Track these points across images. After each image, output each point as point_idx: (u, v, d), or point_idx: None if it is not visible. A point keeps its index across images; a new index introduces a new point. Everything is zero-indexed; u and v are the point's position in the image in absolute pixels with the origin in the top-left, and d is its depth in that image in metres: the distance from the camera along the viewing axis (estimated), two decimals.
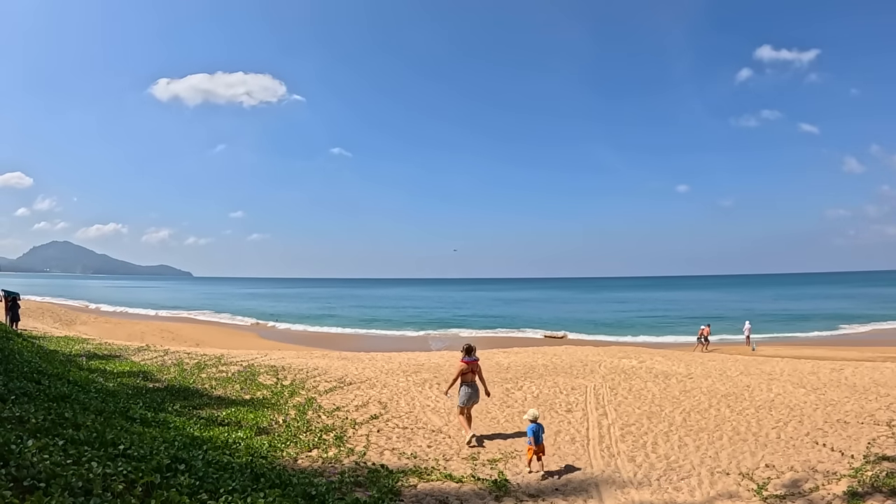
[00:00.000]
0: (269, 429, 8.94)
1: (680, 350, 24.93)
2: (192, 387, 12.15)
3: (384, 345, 32.68)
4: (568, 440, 9.29)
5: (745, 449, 8.67)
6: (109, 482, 4.27)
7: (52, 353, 14.73)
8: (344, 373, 14.82)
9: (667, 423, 10.23)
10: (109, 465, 4.54)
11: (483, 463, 7.92)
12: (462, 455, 8.30)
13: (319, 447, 8.11)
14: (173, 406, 9.80)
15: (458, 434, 9.41)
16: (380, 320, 53.12)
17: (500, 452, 8.47)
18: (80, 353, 16.42)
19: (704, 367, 16.43)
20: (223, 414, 9.64)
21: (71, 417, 6.26)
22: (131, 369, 13.88)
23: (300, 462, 7.36)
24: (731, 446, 8.83)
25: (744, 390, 12.99)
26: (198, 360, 16.40)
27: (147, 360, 16.02)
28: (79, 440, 5.11)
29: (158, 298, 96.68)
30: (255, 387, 12.50)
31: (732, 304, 73.17)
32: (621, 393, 12.78)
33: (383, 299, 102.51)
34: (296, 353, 20.73)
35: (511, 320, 55.35)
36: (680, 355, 20.02)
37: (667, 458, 8.27)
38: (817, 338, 36.50)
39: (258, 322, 49.96)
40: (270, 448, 7.72)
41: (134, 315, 54.19)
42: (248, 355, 18.38)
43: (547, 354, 19.42)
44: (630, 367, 16.34)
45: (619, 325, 48.28)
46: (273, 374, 14.25)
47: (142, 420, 7.94)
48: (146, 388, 11.39)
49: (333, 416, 10.22)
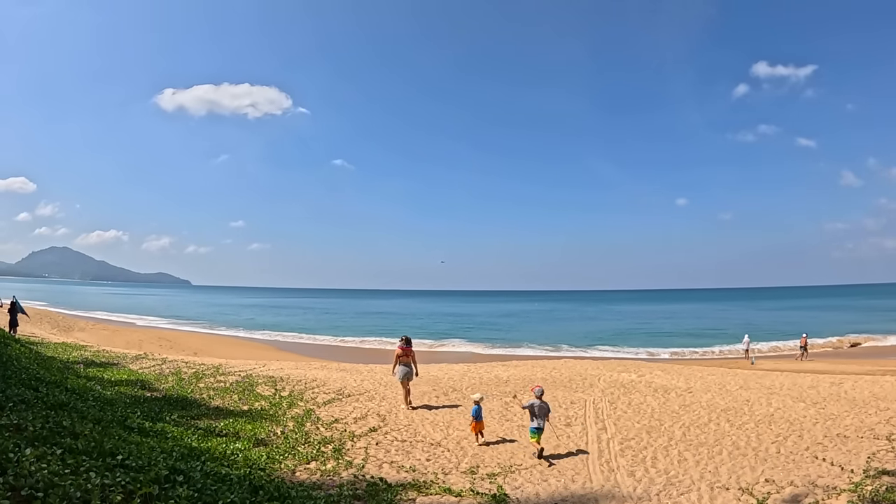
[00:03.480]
0: (267, 440, 8.90)
1: (679, 364, 24.89)
2: (190, 396, 12.10)
3: (383, 357, 32.51)
4: (566, 455, 9.26)
5: (744, 464, 8.64)
6: (108, 493, 4.27)
7: (49, 360, 14.69)
8: (343, 384, 14.76)
9: (666, 438, 10.20)
10: (108, 476, 4.54)
11: (482, 477, 7.88)
12: (461, 469, 8.27)
13: (318, 459, 8.07)
14: (171, 416, 9.75)
15: (457, 448, 9.39)
16: (380, 332, 52.76)
17: (500, 466, 8.45)
18: (77, 360, 16.37)
19: (704, 382, 16.39)
20: (221, 424, 9.59)
21: (69, 426, 6.22)
22: (129, 378, 13.83)
23: (298, 474, 7.32)
24: (730, 461, 8.81)
25: (743, 405, 12.95)
26: (196, 369, 16.33)
27: (145, 369, 15.97)
28: (77, 449, 5.10)
29: (157, 306, 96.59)
30: (253, 397, 12.45)
31: (731, 318, 73.00)
32: (620, 407, 12.74)
33: (383, 310, 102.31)
34: (294, 364, 20.66)
35: (510, 333, 55.30)
36: (679, 369, 19.98)
37: (666, 473, 8.25)
38: (817, 351, 36.39)
39: (257, 331, 49.85)
40: (268, 460, 7.68)
41: (132, 322, 54.09)
42: (247, 365, 18.31)
43: (546, 368, 19.38)
44: (629, 381, 16.31)
45: (618, 339, 48.12)
46: (271, 384, 14.19)
47: (140, 430, 7.90)
48: (144, 398, 11.33)
49: (332, 428, 10.17)
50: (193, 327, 52.74)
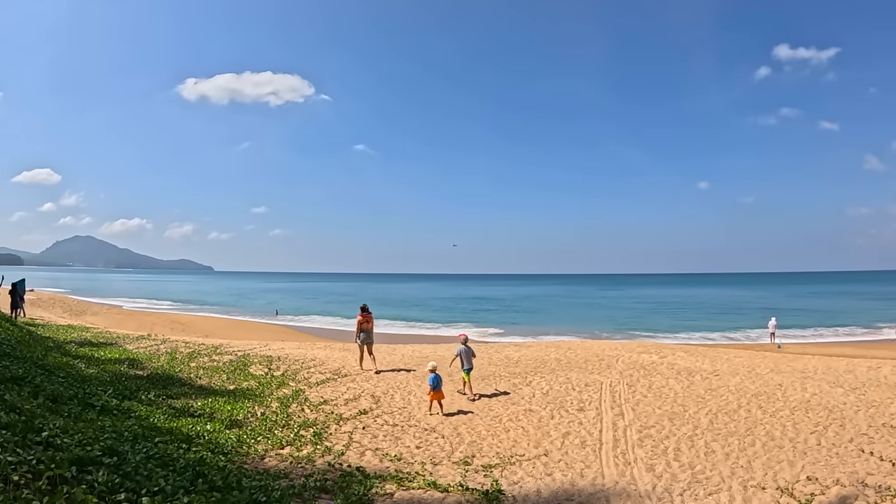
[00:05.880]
0: (244, 421, 8.10)
1: (703, 346, 23.60)
2: (177, 375, 11.44)
3: (396, 339, 31.74)
4: (578, 444, 8.19)
5: (781, 457, 7.54)
6: (8, 472, 3.54)
7: (41, 339, 14.22)
8: (342, 364, 13.95)
9: (691, 426, 9.08)
10: (19, 453, 3.86)
11: (476, 469, 6.88)
12: (454, 458, 7.30)
13: (294, 444, 7.22)
14: (147, 395, 9.06)
15: (453, 434, 8.44)
16: (406, 316, 51.69)
17: (498, 457, 7.47)
18: (74, 340, 15.89)
19: (731, 364, 15.18)
20: (198, 404, 8.86)
21: (10, 400, 5.60)
22: (120, 356, 13.26)
23: (267, 461, 6.48)
24: (765, 454, 7.71)
25: (776, 389, 11.78)
26: (193, 349, 15.72)
27: (141, 349, 15.39)
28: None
29: (177, 291, 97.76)
30: (242, 377, 11.71)
31: (752, 302, 71.35)
32: (640, 391, 11.63)
33: (405, 294, 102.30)
34: (297, 344, 19.94)
35: (529, 316, 54.46)
36: (703, 351, 18.70)
37: (691, 468, 7.17)
38: (845, 337, 34.78)
39: (273, 316, 49.66)
40: (238, 443, 6.87)
41: (148, 307, 54.41)
42: (248, 345, 17.66)
43: (560, 348, 18.27)
44: (650, 362, 15.15)
45: (637, 322, 46.92)
46: (266, 364, 13.46)
47: (102, 408, 7.19)
48: (127, 375, 10.72)
49: (318, 409, 9.32)
50: (210, 312, 52.71)
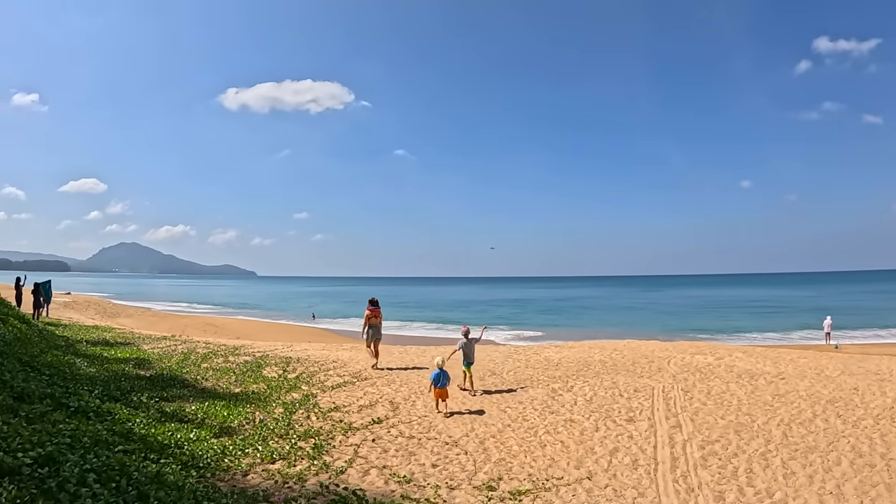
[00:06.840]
0: (237, 429, 7.05)
1: (762, 346, 21.50)
2: (182, 376, 10.59)
3: (431, 342, 30.45)
4: (628, 463, 6.74)
5: (876, 479, 6.05)
6: None
7: (50, 338, 13.75)
8: (364, 366, 12.86)
9: (762, 440, 7.53)
10: None
11: (502, 497, 5.54)
12: (476, 480, 5.99)
13: (288, 458, 6.10)
14: (139, 396, 8.17)
15: (478, 449, 7.13)
16: (447, 318, 51.40)
17: (531, 480, 6.11)
18: (89, 339, 15.41)
19: (797, 366, 13.34)
20: (192, 408, 7.90)
21: None
22: (130, 356, 12.59)
23: (250, 478, 5.38)
24: (855, 475, 6.20)
25: (852, 394, 10.08)
26: (211, 349, 14.98)
27: (156, 349, 14.75)
28: None
29: (218, 295, 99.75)
30: (252, 379, 10.74)
31: (801, 301, 69.15)
32: (698, 397, 10.05)
33: (447, 297, 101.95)
34: (322, 345, 19.03)
35: (573, 318, 52.82)
36: (763, 351, 16.75)
37: (770, 496, 5.71)
38: None
39: (311, 317, 49.71)
40: (220, 455, 5.82)
41: (184, 310, 55.05)
42: (270, 347, 16.84)
43: (606, 349, 16.65)
44: (706, 364, 13.45)
45: (684, 323, 44.83)
46: (282, 365, 12.50)
47: (77, 409, 6.28)
48: (127, 375, 9.94)
49: (327, 417, 8.18)
50: (247, 315, 52.93)
